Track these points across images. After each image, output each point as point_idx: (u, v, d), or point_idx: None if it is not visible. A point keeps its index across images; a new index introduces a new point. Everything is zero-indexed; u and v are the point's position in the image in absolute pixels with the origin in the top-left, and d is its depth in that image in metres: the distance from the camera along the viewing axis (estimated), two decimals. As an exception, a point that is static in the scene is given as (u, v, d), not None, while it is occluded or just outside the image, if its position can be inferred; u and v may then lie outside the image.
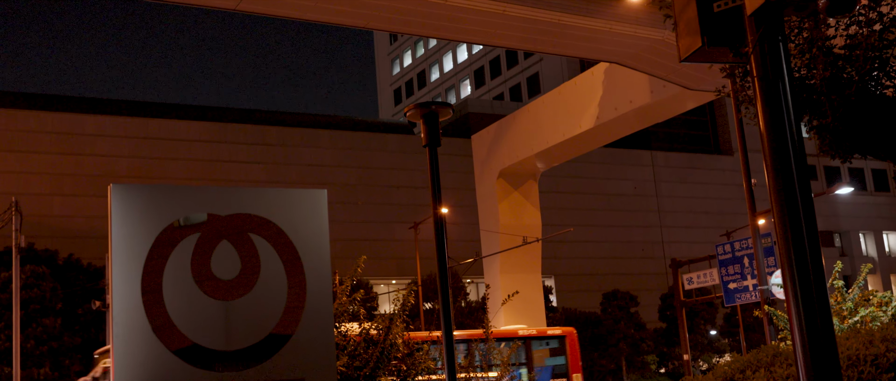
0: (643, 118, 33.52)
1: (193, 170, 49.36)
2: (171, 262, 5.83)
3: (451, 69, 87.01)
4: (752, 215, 19.67)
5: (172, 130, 50.32)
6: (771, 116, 5.30)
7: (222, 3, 23.14)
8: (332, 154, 54.06)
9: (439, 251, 9.13)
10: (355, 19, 25.14)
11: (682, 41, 5.74)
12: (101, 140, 48.13)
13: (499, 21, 25.75)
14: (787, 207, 5.23)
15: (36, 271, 33.86)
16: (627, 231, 62.14)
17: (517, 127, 37.64)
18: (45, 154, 46.59)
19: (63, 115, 47.94)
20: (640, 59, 28.81)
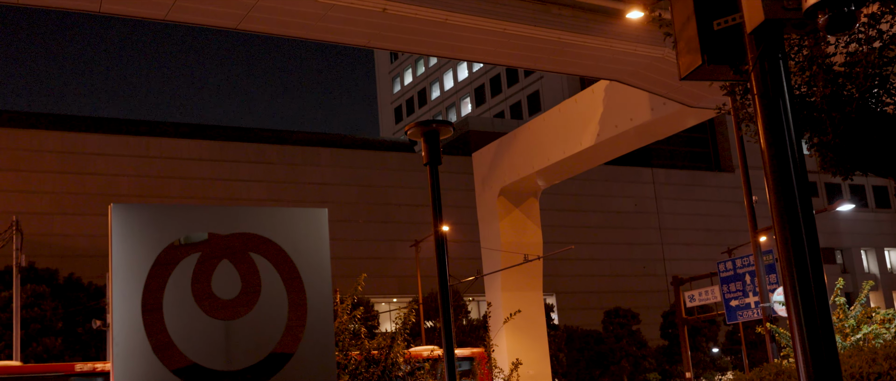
0: (644, 136, 33.55)
1: (194, 188, 49.39)
2: (171, 281, 5.82)
3: (452, 87, 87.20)
4: (753, 231, 19.65)
5: (173, 148, 50.39)
6: (772, 134, 5.30)
7: (224, 22, 23.21)
8: (332, 172, 54.11)
9: (440, 269, 9.11)
10: (356, 38, 25.20)
11: (682, 59, 5.75)
12: (103, 159, 48.20)
13: (499, 39, 25.82)
14: (789, 224, 5.23)
15: (37, 290, 33.84)
16: (629, 249, 62.09)
17: (518, 145, 37.67)
18: (46, 173, 46.65)
19: (64, 134, 48.04)
20: (640, 76, 28.86)
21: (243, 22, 23.03)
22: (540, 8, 25.18)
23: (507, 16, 24.66)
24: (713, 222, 65.04)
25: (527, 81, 77.74)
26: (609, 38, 26.39)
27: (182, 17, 22.53)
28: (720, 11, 5.57)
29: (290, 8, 22.53)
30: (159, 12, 22.18)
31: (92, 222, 45.27)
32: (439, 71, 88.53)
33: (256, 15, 22.72)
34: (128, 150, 49.07)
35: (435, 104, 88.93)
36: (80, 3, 21.47)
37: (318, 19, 23.36)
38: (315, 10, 22.77)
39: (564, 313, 55.35)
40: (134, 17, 22.65)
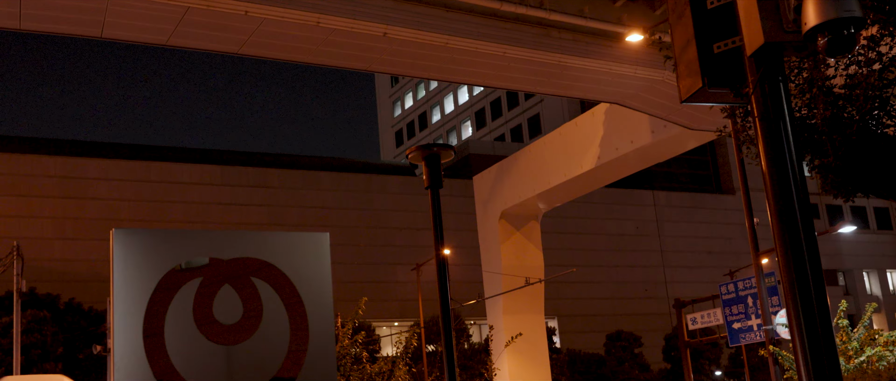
0: (644, 158, 33.59)
1: (195, 213, 49.38)
2: (173, 306, 5.81)
3: (453, 111, 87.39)
4: (755, 254, 19.62)
5: (174, 173, 50.43)
6: (773, 156, 5.31)
7: (225, 46, 23.31)
8: (333, 196, 54.11)
9: (442, 293, 9.09)
10: (357, 62, 25.30)
11: (682, 82, 5.77)
12: (104, 184, 48.23)
13: (499, 63, 25.90)
14: (791, 246, 5.22)
15: (37, 315, 33.77)
16: (630, 271, 61.98)
17: (518, 168, 37.70)
18: (47, 198, 46.67)
19: (65, 159, 48.09)
20: (640, 99, 28.93)
21: (244, 47, 23.13)
22: (540, 31, 25.29)
23: (508, 39, 24.77)
24: (715, 245, 64.95)
25: (527, 105, 77.92)
26: (609, 61, 26.48)
27: (183, 42, 22.64)
28: (720, 34, 5.59)
29: (291, 33, 22.63)
30: (161, 38, 22.28)
31: (93, 247, 45.23)
32: (440, 94, 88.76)
33: (257, 40, 22.82)
34: (129, 174, 49.10)
35: (435, 128, 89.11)
36: (82, 29, 21.56)
37: (319, 44, 23.45)
38: (316, 34, 22.87)
39: (566, 337, 55.17)
40: (135, 42, 22.75)
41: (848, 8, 4.99)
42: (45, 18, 21.02)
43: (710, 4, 5.62)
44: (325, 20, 22.08)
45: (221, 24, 21.90)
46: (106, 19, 21.03)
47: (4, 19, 20.73)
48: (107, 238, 5.73)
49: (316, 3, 21.79)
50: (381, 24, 22.81)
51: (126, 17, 21.05)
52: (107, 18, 20.99)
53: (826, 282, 5.99)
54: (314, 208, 52.97)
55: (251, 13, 21.27)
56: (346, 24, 22.43)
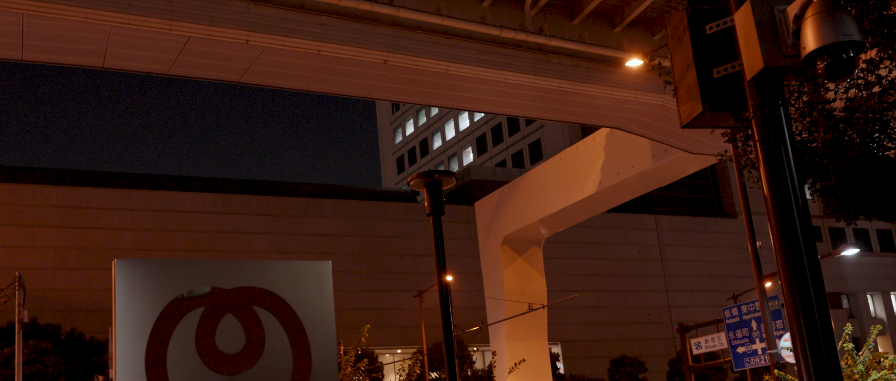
0: (646, 183, 33.61)
1: (197, 241, 49.34)
2: (175, 336, 5.80)
3: (454, 137, 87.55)
4: (758, 277, 19.56)
5: (176, 202, 50.45)
6: (774, 180, 5.31)
7: (226, 75, 23.40)
8: (335, 223, 54.08)
9: (444, 320, 9.06)
10: (358, 90, 25.38)
11: (682, 107, 5.78)
12: (106, 213, 48.23)
13: (500, 89, 25.98)
14: (794, 269, 5.21)
15: (39, 346, 33.68)
16: (633, 296, 61.79)
17: (520, 193, 37.72)
18: (49, 228, 46.66)
19: (67, 189, 48.13)
20: (640, 124, 28.99)
21: (246, 75, 23.22)
22: (540, 57, 25.39)
23: (508, 66, 24.86)
24: (717, 268, 64.79)
25: (528, 130, 78.05)
26: (609, 86, 26.56)
27: (185, 71, 22.74)
28: (719, 59, 5.61)
29: (292, 61, 22.73)
30: (162, 67, 22.39)
31: (94, 277, 45.17)
32: (440, 121, 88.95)
33: (259, 68, 22.92)
34: (130, 204, 49.11)
35: (437, 154, 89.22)
36: (83, 59, 21.67)
37: (320, 72, 23.55)
38: (317, 62, 22.97)
39: (570, 362, 54.91)
40: (137, 71, 22.86)
41: (846, 32, 5.01)
42: (47, 49, 21.13)
43: (709, 30, 5.64)
44: (325, 48, 22.18)
45: (223, 53, 22.00)
46: (107, 49, 21.14)
47: (7, 50, 20.84)
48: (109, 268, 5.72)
49: (316, 32, 21.90)
50: (382, 52, 22.91)
51: (127, 46, 21.16)
52: (108, 48, 21.10)
53: (830, 305, 5.98)
54: (316, 235, 52.93)
55: (252, 42, 21.37)
56: (346, 52, 22.53)
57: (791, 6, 5.26)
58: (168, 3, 20.14)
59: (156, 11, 20.01)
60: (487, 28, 23.94)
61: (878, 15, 9.50)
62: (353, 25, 22.41)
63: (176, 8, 20.23)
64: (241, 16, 21.01)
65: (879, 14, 9.50)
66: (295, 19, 21.67)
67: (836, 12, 5.05)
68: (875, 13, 9.46)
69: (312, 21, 21.87)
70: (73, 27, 20.00)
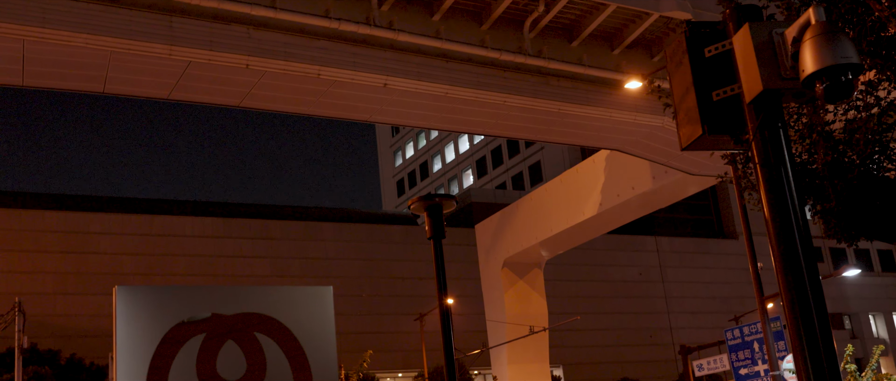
0: (646, 204, 33.61)
1: (198, 266, 49.27)
2: (176, 362, 5.78)
3: (454, 159, 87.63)
4: (760, 299, 19.52)
5: (176, 226, 50.42)
6: (775, 202, 5.31)
7: (226, 100, 23.46)
8: (335, 247, 54.03)
9: (446, 343, 9.04)
10: (358, 113, 25.44)
11: (682, 130, 5.78)
12: (106, 238, 48.19)
13: (499, 112, 26.04)
14: (796, 290, 5.20)
15: (39, 372, 33.54)
16: (635, 318, 61.62)
17: (520, 216, 37.70)
18: (49, 253, 46.60)
19: (67, 214, 48.11)
20: (640, 145, 29.02)
21: (246, 99, 23.27)
22: (539, 80, 25.46)
23: (507, 88, 24.93)
24: (719, 290, 64.64)
25: (528, 152, 78.12)
26: (609, 108, 26.62)
27: (185, 96, 22.80)
28: (719, 82, 5.62)
29: (292, 85, 22.80)
30: (163, 92, 22.45)
31: (94, 302, 45.07)
32: (440, 143, 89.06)
33: (259, 92, 22.98)
34: (130, 228, 49.08)
35: (437, 176, 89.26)
36: (84, 85, 21.73)
37: (320, 95, 23.61)
38: (317, 86, 23.03)
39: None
40: (137, 96, 22.91)
41: (845, 54, 5.02)
42: (48, 75, 21.20)
43: (708, 52, 5.66)
44: (325, 72, 22.25)
45: (223, 78, 22.08)
46: (108, 75, 21.21)
47: (7, 76, 20.90)
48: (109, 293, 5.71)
49: (316, 56, 21.99)
50: (382, 75, 22.98)
51: (128, 72, 21.24)
52: (109, 74, 21.17)
53: (832, 326, 5.96)
54: (317, 258, 52.86)
55: (253, 66, 21.45)
56: (346, 76, 22.61)
57: (789, 29, 5.28)
58: (168, 28, 20.23)
59: (156, 37, 20.09)
60: (487, 51, 24.02)
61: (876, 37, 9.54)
62: (353, 49, 22.49)
63: (176, 33, 20.31)
64: (242, 40, 21.10)
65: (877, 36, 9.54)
66: (295, 43, 21.76)
67: (835, 35, 5.07)
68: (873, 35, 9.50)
69: (312, 45, 21.96)
70: (73, 53, 20.08)
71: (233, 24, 21.00)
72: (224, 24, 20.90)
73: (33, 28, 18.96)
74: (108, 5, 19.66)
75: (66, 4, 19.22)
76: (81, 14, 19.37)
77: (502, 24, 24.74)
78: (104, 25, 19.55)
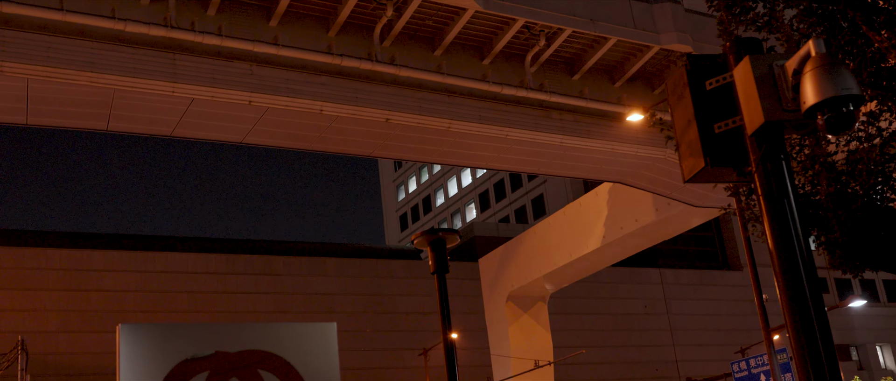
0: (649, 236, 33.56)
1: (201, 302, 49.13)
2: (179, 401, 5.75)
3: (456, 193, 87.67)
4: (766, 331, 19.42)
5: (179, 262, 50.35)
6: (779, 233, 5.30)
7: (229, 136, 23.53)
8: (339, 282, 53.90)
9: (450, 378, 8.99)
10: (360, 148, 25.49)
11: (685, 162, 5.79)
12: (109, 275, 48.12)
13: (502, 145, 26.09)
14: (802, 322, 5.18)
15: (41, 411, 33.34)
16: (640, 351, 61.26)
17: (524, 249, 37.63)
18: (52, 291, 46.50)
19: (70, 251, 48.07)
20: (643, 178, 29.04)
21: (248, 136, 23.35)
22: (541, 113, 25.54)
23: (509, 122, 25.00)
24: (724, 322, 64.32)
25: (530, 186, 78.16)
26: (611, 140, 26.67)
27: (188, 132, 22.88)
28: (720, 115, 5.64)
29: (295, 121, 22.88)
30: (166, 129, 22.54)
31: (98, 340, 44.91)
32: (443, 177, 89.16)
33: (261, 128, 23.06)
34: (133, 265, 49.02)
35: (440, 211, 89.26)
36: (88, 123, 21.83)
37: (323, 131, 23.68)
38: (319, 122, 23.11)
39: (578, 420, 54.23)
40: (141, 134, 23.00)
41: (846, 86, 5.04)
42: (52, 113, 21.30)
43: (709, 85, 5.68)
44: (327, 108, 22.34)
45: (226, 114, 22.17)
46: (112, 113, 21.31)
47: (12, 115, 21.01)
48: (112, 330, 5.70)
49: (318, 92, 22.09)
50: (384, 110, 23.07)
51: (131, 109, 21.34)
52: (112, 112, 21.27)
53: (839, 357, 5.93)
54: (320, 294, 52.72)
55: (255, 103, 21.54)
56: (348, 111, 22.69)
57: (790, 61, 5.30)
58: (171, 66, 20.36)
59: (160, 74, 20.22)
60: (488, 85, 24.13)
61: (877, 68, 9.58)
62: (355, 85, 22.60)
63: (179, 71, 20.44)
64: (244, 77, 21.22)
65: (877, 67, 9.58)
66: (297, 80, 21.87)
67: (835, 66, 5.09)
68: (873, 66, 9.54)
69: (314, 81, 22.07)
70: (78, 91, 20.19)
71: (235, 61, 21.13)
72: (226, 61, 21.03)
73: (38, 67, 19.09)
74: (111, 44, 19.81)
75: (71, 43, 19.37)
76: (86, 53, 19.51)
77: (504, 59, 24.87)
78: (108, 64, 19.68)
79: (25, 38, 18.93)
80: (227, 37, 20.60)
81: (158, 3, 20.37)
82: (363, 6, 22.06)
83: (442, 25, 23.54)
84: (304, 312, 50.19)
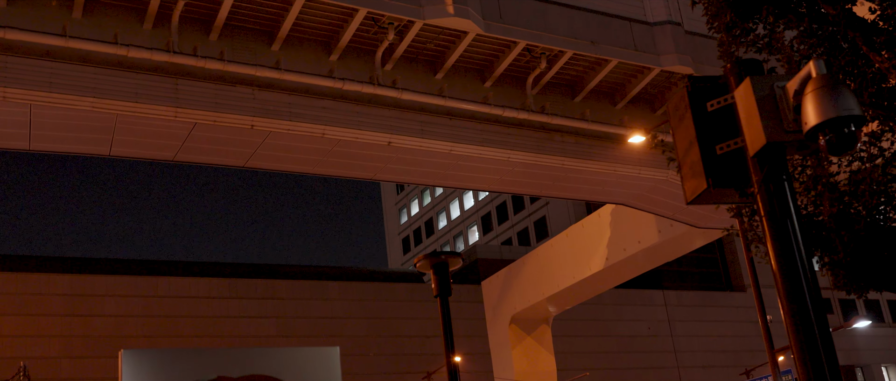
0: (652, 258, 33.50)
1: (204, 327, 49.02)
2: (181, 426, 5.72)
3: (459, 216, 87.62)
4: (770, 352, 19.34)
5: (182, 287, 50.28)
6: (782, 254, 5.28)
7: (231, 160, 23.56)
8: (342, 306, 53.78)
9: (454, 403, 8.94)
10: (362, 172, 25.51)
11: (687, 184, 5.78)
12: (111, 300, 48.03)
13: (504, 168, 26.10)
14: (806, 344, 5.15)
15: (43, 437, 33.20)
16: (644, 373, 60.98)
17: (527, 272, 37.55)
18: (54, 317, 46.42)
19: (72, 276, 48.02)
20: (645, 199, 29.01)
21: (251, 160, 23.37)
22: (543, 135, 25.57)
23: (511, 145, 25.03)
24: (729, 343, 64.06)
25: (533, 208, 78.12)
26: (613, 162, 26.67)
27: (190, 157, 22.90)
28: (722, 136, 5.63)
29: (297, 144, 22.91)
30: (168, 153, 22.56)
31: (100, 366, 44.77)
32: (445, 200, 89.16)
33: (264, 153, 23.09)
34: (136, 290, 48.94)
35: (442, 234, 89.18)
36: (90, 148, 21.86)
37: (325, 154, 23.71)
38: (321, 146, 23.14)
39: (582, 443, 53.89)
40: (143, 158, 23.02)
41: (847, 106, 5.03)
42: (55, 139, 21.34)
43: (711, 107, 5.69)
44: (329, 131, 22.38)
45: (228, 139, 22.20)
46: (114, 138, 21.35)
47: (15, 141, 21.05)
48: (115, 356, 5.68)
49: (320, 115, 22.13)
50: (386, 134, 23.10)
51: (134, 134, 21.38)
52: (115, 137, 21.31)
53: (844, 379, 5.90)
54: (323, 318, 52.60)
55: (257, 127, 21.58)
56: (350, 135, 22.72)
57: (790, 82, 5.30)
58: (174, 90, 20.42)
59: (162, 99, 20.27)
60: (490, 108, 24.17)
61: (878, 88, 9.59)
62: (357, 108, 22.65)
63: (181, 95, 20.49)
64: (246, 101, 21.27)
65: (878, 87, 9.59)
66: (299, 103, 21.92)
67: (836, 87, 5.09)
68: (874, 86, 9.55)
69: (316, 105, 22.12)
70: (80, 117, 20.24)
71: (237, 86, 21.19)
72: (229, 86, 21.09)
73: (41, 93, 19.15)
74: (114, 69, 19.87)
75: (74, 69, 19.44)
76: (88, 78, 19.58)
77: (505, 82, 24.93)
78: (111, 89, 19.75)
79: (28, 64, 19.01)
80: (229, 61, 20.68)
81: (161, 29, 20.46)
82: (365, 30, 22.15)
83: (443, 49, 23.62)
84: (308, 336, 50.05)
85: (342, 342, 44.92)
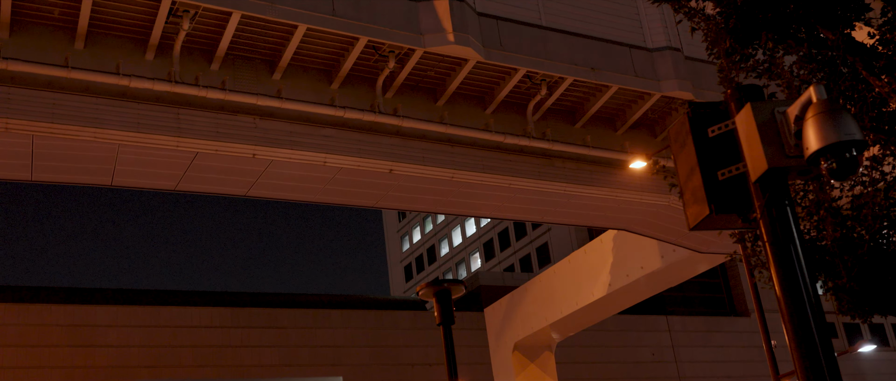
0: (656, 284, 33.42)
1: (205, 356, 48.84)
2: (183, 458, 5.67)
3: (461, 243, 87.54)
4: (776, 377, 19.24)
5: (184, 317, 50.13)
6: (786, 280, 5.27)
7: (233, 190, 23.58)
8: (344, 334, 53.59)
9: (458, 432, 8.88)
10: (364, 200, 25.52)
11: (689, 210, 5.78)
12: (113, 331, 47.89)
13: (505, 194, 26.10)
14: (812, 369, 5.13)
15: (44, 469, 33.01)
16: (649, 400, 60.65)
17: (529, 298, 37.46)
18: (55, 348, 46.26)
19: (73, 307, 47.90)
20: (647, 225, 28.98)
21: (252, 189, 23.39)
22: (544, 162, 25.59)
23: (512, 171, 25.04)
24: (734, 369, 63.76)
25: (535, 234, 78.05)
26: (614, 188, 26.67)
27: (192, 186, 22.93)
28: (723, 161, 5.64)
29: (299, 173, 22.93)
30: (170, 183, 22.59)
31: (101, 396, 44.56)
32: (447, 227, 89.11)
33: (265, 181, 23.11)
34: (137, 320, 48.81)
35: (444, 260, 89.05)
36: (92, 179, 21.89)
37: (326, 183, 23.73)
38: (323, 174, 23.16)
39: None
40: (145, 188, 23.05)
41: (848, 131, 5.04)
42: (56, 169, 21.38)
43: (712, 133, 5.69)
44: (331, 159, 22.41)
45: (230, 168, 22.23)
46: (116, 168, 21.38)
47: (17, 172, 21.09)
48: (116, 389, 5.63)
49: (322, 144, 22.17)
50: (387, 161, 23.13)
51: (135, 164, 21.41)
52: (117, 167, 21.34)
53: (851, 406, 5.85)
54: (326, 347, 52.41)
55: (259, 155, 21.61)
56: (352, 163, 22.75)
57: (791, 107, 5.31)
58: (176, 120, 20.47)
59: (164, 129, 20.32)
60: (491, 135, 24.21)
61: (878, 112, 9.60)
62: (359, 136, 22.69)
63: (183, 125, 20.54)
64: (248, 130, 21.31)
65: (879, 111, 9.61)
66: (300, 132, 21.97)
67: (837, 112, 5.10)
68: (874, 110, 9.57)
69: (318, 133, 22.16)
70: (82, 147, 20.28)
71: (239, 115, 21.25)
72: (230, 115, 21.15)
73: (43, 124, 19.20)
74: (116, 99, 19.94)
75: (76, 100, 19.50)
76: (90, 109, 19.64)
77: (506, 108, 24.99)
78: (112, 119, 19.80)
79: (31, 95, 19.07)
80: (230, 91, 20.75)
81: (163, 58, 20.55)
82: (366, 59, 22.25)
83: (444, 76, 23.70)
84: (310, 365, 49.85)
85: (345, 371, 44.77)
